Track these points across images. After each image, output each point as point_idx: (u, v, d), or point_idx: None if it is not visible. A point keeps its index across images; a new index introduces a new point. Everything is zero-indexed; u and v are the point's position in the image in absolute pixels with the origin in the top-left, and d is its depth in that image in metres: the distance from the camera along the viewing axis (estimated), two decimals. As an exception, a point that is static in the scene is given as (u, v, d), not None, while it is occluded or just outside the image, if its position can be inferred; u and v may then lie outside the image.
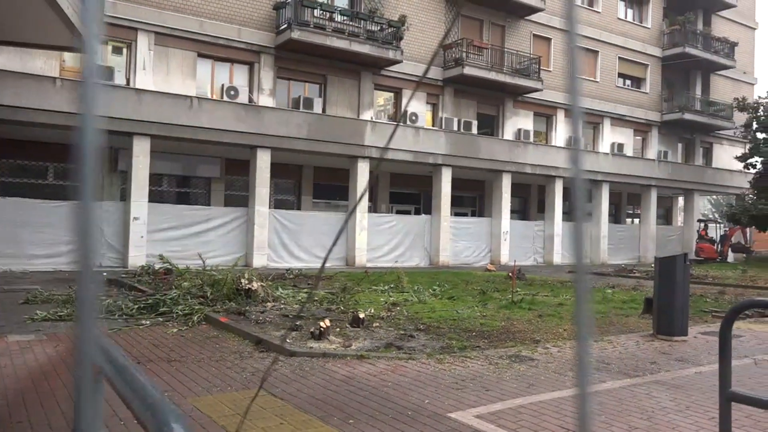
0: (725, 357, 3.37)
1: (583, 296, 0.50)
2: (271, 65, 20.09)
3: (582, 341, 0.59)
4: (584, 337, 0.52)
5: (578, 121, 0.52)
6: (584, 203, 0.53)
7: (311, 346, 7.17)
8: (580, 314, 0.54)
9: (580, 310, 0.52)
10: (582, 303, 0.50)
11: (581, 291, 0.50)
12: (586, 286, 0.54)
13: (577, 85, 0.57)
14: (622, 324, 9.78)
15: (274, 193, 21.34)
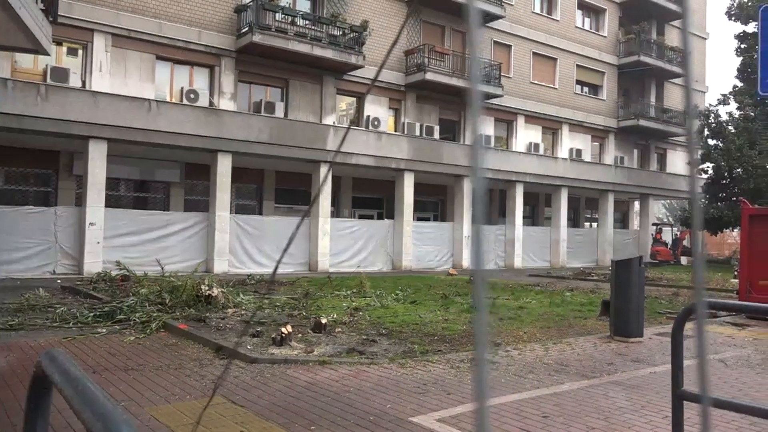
0: (677, 357, 3.47)
1: (482, 301, 0.50)
2: (232, 68, 19.89)
3: (480, 347, 0.60)
4: (482, 342, 0.52)
5: (477, 113, 0.50)
6: (484, 204, 0.52)
7: (272, 353, 7.11)
8: (479, 320, 0.54)
9: (479, 316, 0.52)
10: (481, 309, 0.49)
11: (479, 296, 0.49)
12: (484, 291, 0.53)
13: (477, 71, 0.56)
14: (581, 326, 9.97)
15: (235, 197, 21.10)
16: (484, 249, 0.54)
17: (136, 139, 16.92)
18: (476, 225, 0.51)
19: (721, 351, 8.13)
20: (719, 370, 7.03)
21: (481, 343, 0.56)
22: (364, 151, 21.07)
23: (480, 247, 0.52)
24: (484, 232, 0.56)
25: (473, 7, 0.53)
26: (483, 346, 0.53)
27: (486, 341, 0.53)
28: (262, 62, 20.34)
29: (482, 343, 0.53)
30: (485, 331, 0.50)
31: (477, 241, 0.50)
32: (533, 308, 12.08)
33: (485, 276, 0.52)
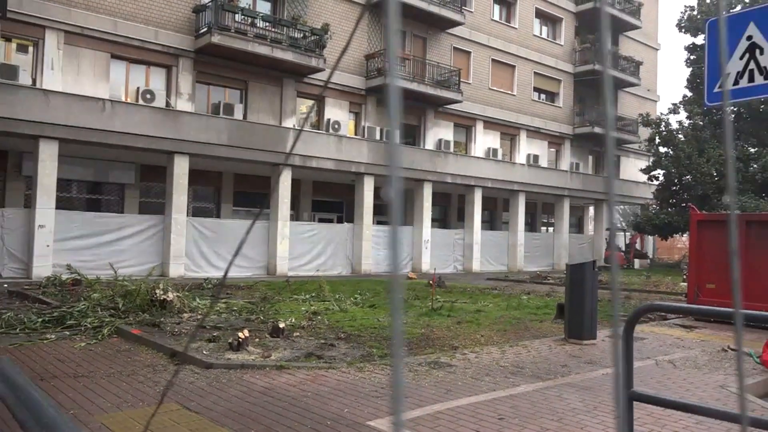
0: (627, 359, 3.56)
1: (397, 305, 0.50)
2: (189, 69, 19.58)
3: (396, 351, 0.60)
4: (398, 345, 0.52)
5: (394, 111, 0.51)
6: (400, 205, 0.53)
7: (229, 358, 7.02)
8: (396, 325, 0.54)
9: (394, 319, 0.52)
10: (396, 312, 0.49)
11: (395, 299, 0.50)
12: (399, 295, 0.54)
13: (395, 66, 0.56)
14: (537, 329, 10.14)
15: (192, 200, 20.76)
16: (399, 252, 0.54)
17: (89, 140, 16.49)
18: (393, 227, 0.51)
19: (670, 352, 8.38)
20: (668, 370, 7.24)
21: (397, 346, 0.56)
22: (324, 154, 21.01)
23: (396, 250, 0.53)
24: (400, 233, 0.56)
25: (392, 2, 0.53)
26: (399, 351, 0.54)
27: (402, 345, 0.54)
28: (221, 63, 20.09)
29: (398, 347, 0.54)
30: (401, 335, 0.50)
31: (393, 245, 0.51)
32: (491, 311, 12.23)
33: (401, 278, 0.53)
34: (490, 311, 12.27)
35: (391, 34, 0.52)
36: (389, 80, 0.50)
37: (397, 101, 0.52)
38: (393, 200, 0.51)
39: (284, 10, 21.83)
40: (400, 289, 0.51)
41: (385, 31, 0.67)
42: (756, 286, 10.87)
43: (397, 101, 0.52)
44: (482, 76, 28.32)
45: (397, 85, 0.52)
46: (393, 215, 0.50)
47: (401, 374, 0.50)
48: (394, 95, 0.49)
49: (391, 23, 0.45)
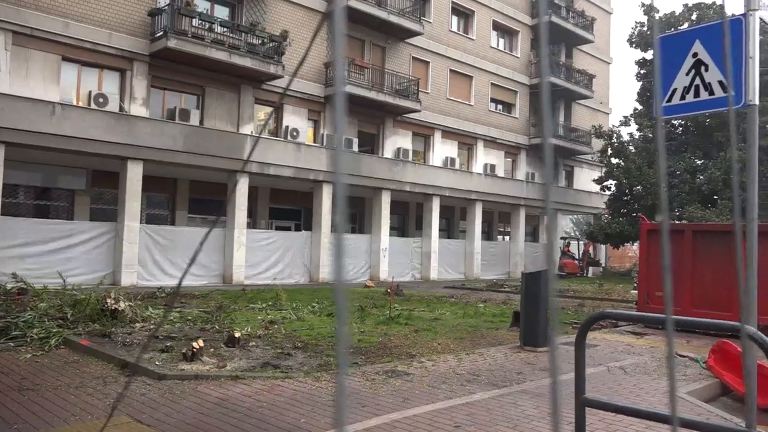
0: (579, 366, 3.64)
1: (343, 314, 0.50)
2: (144, 73, 19.20)
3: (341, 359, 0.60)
4: (343, 354, 0.52)
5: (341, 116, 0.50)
6: (345, 211, 0.53)
7: (182, 369, 6.87)
8: (341, 333, 0.54)
9: (340, 329, 0.52)
10: (342, 322, 0.49)
11: (341, 309, 0.50)
12: (344, 302, 0.54)
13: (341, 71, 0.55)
14: (493, 337, 10.25)
15: (146, 207, 20.31)
16: (344, 260, 0.54)
17: (38, 144, 15.97)
18: (338, 234, 0.51)
19: (621, 359, 8.58)
20: (619, 376, 7.42)
21: (342, 355, 0.56)
22: (282, 161, 20.85)
23: (341, 258, 0.53)
24: (345, 241, 0.56)
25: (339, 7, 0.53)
26: (344, 359, 0.53)
27: (347, 353, 0.53)
28: (177, 68, 19.76)
29: (343, 355, 0.54)
30: (346, 343, 0.50)
31: (338, 252, 0.51)
32: (448, 320, 12.31)
33: (345, 288, 0.53)
34: (447, 319, 12.36)
35: (338, 43, 0.52)
36: (336, 88, 0.50)
37: (344, 109, 0.52)
38: (338, 207, 0.51)
39: (242, 16, 21.65)
40: (345, 296, 0.51)
41: (332, 38, 0.67)
42: (702, 294, 11.26)
43: (343, 109, 0.52)
44: (440, 86, 28.63)
45: (344, 92, 0.51)
46: (338, 222, 0.50)
47: (345, 384, 0.50)
48: (340, 103, 0.49)
49: (338, 31, 0.45)
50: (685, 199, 27.64)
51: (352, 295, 17.05)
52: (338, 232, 0.51)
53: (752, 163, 3.53)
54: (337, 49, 0.50)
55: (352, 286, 21.19)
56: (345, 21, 0.47)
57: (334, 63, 0.52)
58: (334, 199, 0.64)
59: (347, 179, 0.56)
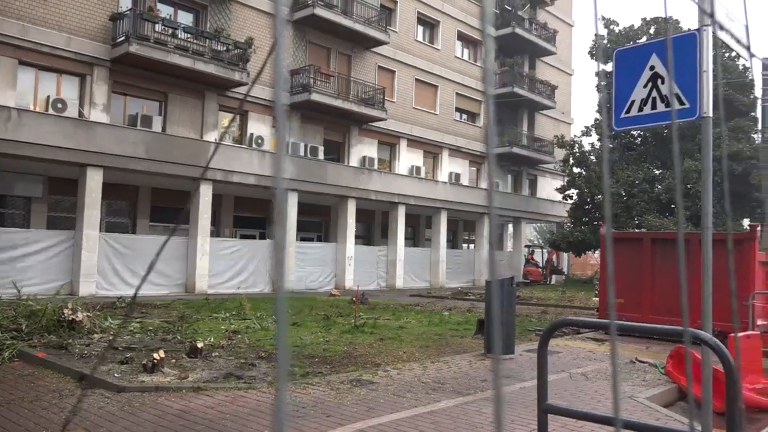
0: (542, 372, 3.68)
1: (283, 323, 0.49)
2: (105, 79, 18.83)
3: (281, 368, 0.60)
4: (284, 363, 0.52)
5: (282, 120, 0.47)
6: (284, 217, 0.51)
7: (143, 380, 6.72)
8: (281, 342, 0.53)
9: (280, 338, 0.51)
10: (282, 331, 0.48)
11: (281, 317, 0.49)
12: (284, 310, 0.53)
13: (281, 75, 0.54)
14: (458, 344, 10.30)
15: (106, 215, 19.87)
16: (285, 269, 0.53)
17: (-8, 150, 15.51)
18: (278, 242, 0.50)
19: (583, 365, 8.72)
20: (581, 382, 7.53)
21: (283, 364, 0.55)
22: (246, 169, 20.64)
23: (283, 266, 0.52)
24: (284, 248, 0.55)
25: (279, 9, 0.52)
26: (284, 368, 0.53)
27: (288, 362, 0.52)
28: (139, 74, 19.44)
29: (284, 365, 0.53)
30: (287, 352, 0.49)
31: (280, 260, 0.50)
32: (413, 328, 12.33)
33: (286, 293, 0.52)
34: (413, 327, 12.38)
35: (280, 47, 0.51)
36: (276, 90, 0.49)
37: (284, 112, 0.51)
38: (279, 213, 0.49)
39: (207, 23, 21.45)
40: (285, 306, 0.50)
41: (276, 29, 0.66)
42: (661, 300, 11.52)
43: (284, 111, 0.51)
44: (406, 95, 28.80)
45: (285, 93, 0.50)
46: (278, 229, 0.48)
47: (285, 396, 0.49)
48: (281, 105, 0.48)
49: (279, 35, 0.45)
50: (645, 208, 28.29)
51: (318, 303, 16.95)
52: (278, 241, 0.50)
53: (706, 174, 3.63)
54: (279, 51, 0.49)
55: (315, 294, 21.07)
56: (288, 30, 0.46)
57: (276, 66, 0.49)
58: (276, 206, 0.63)
59: (287, 185, 0.54)
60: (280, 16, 0.55)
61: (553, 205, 35.65)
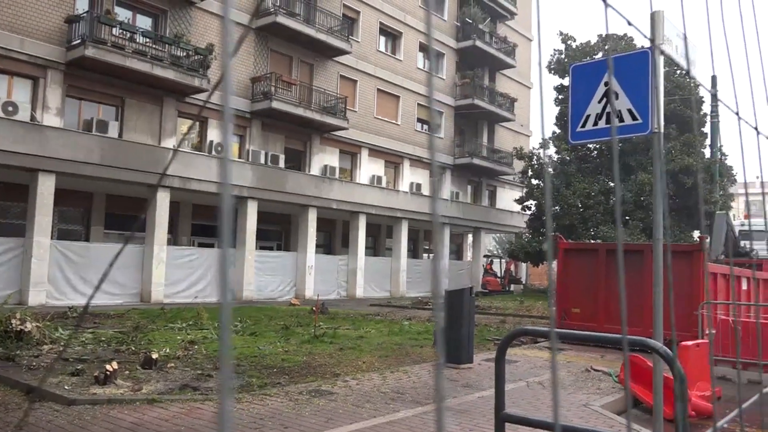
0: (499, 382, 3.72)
1: (226, 333, 0.49)
2: (59, 82, 18.35)
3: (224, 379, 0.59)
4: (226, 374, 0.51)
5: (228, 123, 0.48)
6: (229, 225, 0.51)
7: (94, 393, 6.53)
8: (223, 353, 0.53)
9: (222, 348, 0.51)
10: (224, 341, 0.48)
11: (224, 326, 0.48)
12: (228, 321, 0.52)
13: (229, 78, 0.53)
14: (417, 354, 10.33)
15: (58, 222, 19.29)
16: (229, 277, 0.52)
17: (-63, 153, 14.92)
18: (223, 249, 0.49)
19: (540, 374, 8.84)
20: (538, 391, 7.63)
21: (226, 374, 0.55)
22: (205, 176, 20.34)
23: (226, 275, 0.51)
24: (230, 256, 0.55)
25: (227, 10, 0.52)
26: (227, 381, 0.52)
27: (231, 373, 0.52)
28: (95, 78, 19.00)
29: (227, 375, 0.52)
30: (229, 363, 0.49)
31: (223, 269, 0.49)
32: (373, 337, 12.31)
33: (231, 303, 0.51)
34: (373, 337, 12.36)
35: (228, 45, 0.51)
36: (223, 88, 0.49)
37: (231, 112, 0.50)
38: (224, 218, 0.49)
39: (167, 28, 21.13)
40: (229, 316, 0.49)
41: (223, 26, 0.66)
42: (616, 310, 11.78)
43: (230, 113, 0.50)
44: (368, 104, 28.88)
45: (232, 96, 0.50)
46: (223, 237, 0.48)
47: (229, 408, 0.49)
48: (228, 106, 0.48)
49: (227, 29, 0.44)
50: (600, 219, 28.94)
51: (277, 313, 16.78)
52: (224, 247, 0.49)
53: (657, 187, 3.75)
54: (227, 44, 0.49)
55: (275, 304, 20.86)
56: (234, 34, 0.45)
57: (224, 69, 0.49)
58: (221, 211, 0.62)
59: (233, 190, 0.54)
60: (228, 17, 0.55)
61: (512, 216, 36.15)
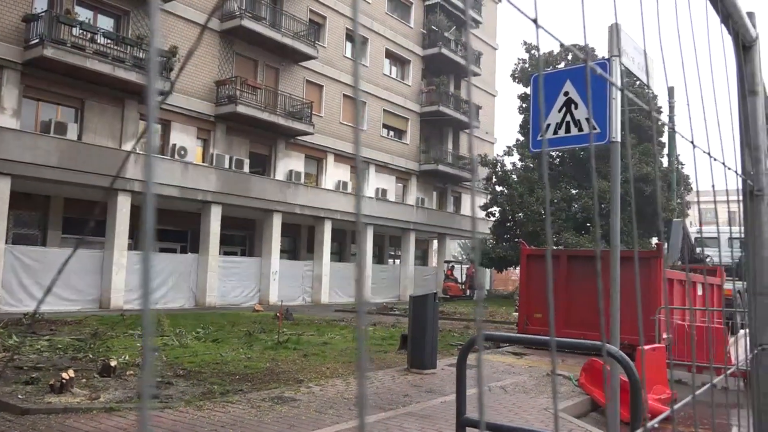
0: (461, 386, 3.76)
1: (149, 341, 0.49)
2: (15, 82, 17.86)
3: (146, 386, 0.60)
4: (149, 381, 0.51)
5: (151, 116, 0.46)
6: (151, 225, 0.50)
7: (50, 401, 6.36)
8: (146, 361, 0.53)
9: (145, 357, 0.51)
10: (147, 350, 0.48)
11: (147, 334, 0.48)
12: (151, 328, 0.52)
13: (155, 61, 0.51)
14: (381, 360, 10.34)
15: (12, 226, 18.72)
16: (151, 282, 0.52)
17: None
18: (146, 252, 0.49)
19: (502, 378, 8.94)
20: (500, 396, 7.71)
21: (147, 385, 0.55)
22: (168, 180, 20.04)
23: (148, 280, 0.51)
24: (153, 258, 0.54)
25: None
26: (148, 389, 0.52)
27: (153, 380, 0.52)
28: (54, 79, 18.55)
29: (147, 385, 0.52)
30: (152, 371, 0.49)
31: (145, 274, 0.49)
32: (337, 343, 12.27)
33: (149, 306, 0.51)
34: (337, 343, 12.32)
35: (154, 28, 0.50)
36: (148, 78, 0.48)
37: (155, 105, 0.50)
38: (147, 220, 0.49)
39: (129, 29, 20.78)
40: (152, 324, 0.49)
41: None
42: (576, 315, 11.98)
43: (155, 104, 0.50)
44: (334, 110, 28.87)
45: (157, 88, 0.49)
46: (146, 238, 0.47)
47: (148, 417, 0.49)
48: (153, 97, 0.48)
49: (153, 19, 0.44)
50: (562, 226, 29.43)
51: (240, 319, 16.59)
52: (146, 250, 0.49)
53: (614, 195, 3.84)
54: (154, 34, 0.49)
55: (238, 310, 20.63)
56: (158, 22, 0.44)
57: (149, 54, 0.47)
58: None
59: (157, 189, 0.54)
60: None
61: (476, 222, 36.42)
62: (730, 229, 2.14)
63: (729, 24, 1.72)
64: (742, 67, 1.86)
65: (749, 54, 1.87)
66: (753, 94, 1.87)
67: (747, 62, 1.87)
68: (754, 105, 1.87)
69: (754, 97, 1.87)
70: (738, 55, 1.86)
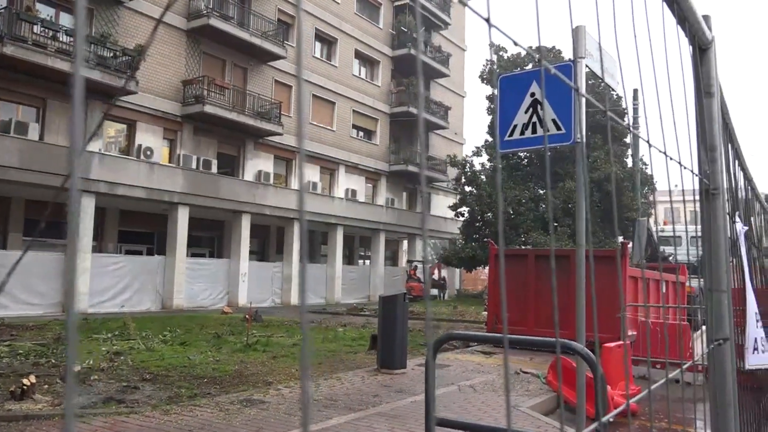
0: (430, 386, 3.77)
1: (73, 347, 0.48)
2: (-26, 81, 17.37)
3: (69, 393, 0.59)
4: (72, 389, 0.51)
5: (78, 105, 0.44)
6: (77, 224, 0.49)
7: (10, 408, 6.19)
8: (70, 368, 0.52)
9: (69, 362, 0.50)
10: (71, 356, 0.47)
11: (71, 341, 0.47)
12: (75, 335, 0.51)
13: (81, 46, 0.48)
14: (351, 360, 10.32)
15: (-29, 228, 18.21)
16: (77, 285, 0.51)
17: None
18: (70, 253, 0.48)
19: (471, 377, 9.00)
20: (469, 394, 7.77)
21: (70, 394, 0.54)
22: (133, 182, 19.70)
23: (74, 281, 0.50)
24: (80, 258, 0.53)
25: None
26: (71, 397, 0.52)
27: (75, 386, 0.51)
28: (14, 77, 18.07)
29: (71, 394, 0.52)
30: (74, 376, 0.48)
31: (71, 276, 0.48)
32: (307, 345, 12.21)
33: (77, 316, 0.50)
34: (307, 344, 12.26)
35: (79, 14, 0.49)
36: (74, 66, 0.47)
37: (82, 91, 0.49)
38: (71, 220, 0.47)
39: (92, 27, 20.36)
40: (75, 328, 0.48)
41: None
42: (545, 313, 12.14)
43: (81, 94, 0.49)
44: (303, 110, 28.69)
45: (83, 76, 0.48)
46: (70, 240, 0.46)
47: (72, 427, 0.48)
48: (79, 84, 0.47)
49: None
50: (530, 226, 29.77)
51: (209, 322, 16.40)
52: (70, 252, 0.48)
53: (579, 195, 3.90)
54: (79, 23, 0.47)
55: (206, 312, 20.39)
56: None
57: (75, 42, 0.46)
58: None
59: (81, 185, 0.53)
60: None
61: (446, 222, 36.70)
62: (696, 228, 2.21)
63: (686, 26, 1.76)
64: (698, 68, 1.91)
65: (705, 56, 1.92)
66: (709, 95, 1.91)
67: (703, 64, 1.92)
68: (710, 106, 1.92)
69: (710, 98, 1.92)
70: (694, 57, 1.90)
